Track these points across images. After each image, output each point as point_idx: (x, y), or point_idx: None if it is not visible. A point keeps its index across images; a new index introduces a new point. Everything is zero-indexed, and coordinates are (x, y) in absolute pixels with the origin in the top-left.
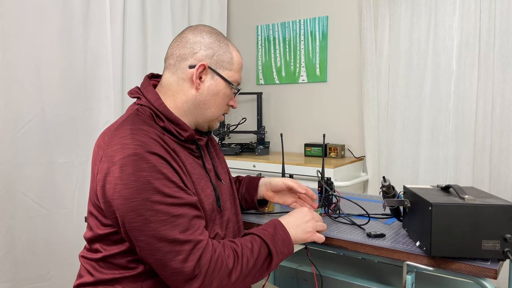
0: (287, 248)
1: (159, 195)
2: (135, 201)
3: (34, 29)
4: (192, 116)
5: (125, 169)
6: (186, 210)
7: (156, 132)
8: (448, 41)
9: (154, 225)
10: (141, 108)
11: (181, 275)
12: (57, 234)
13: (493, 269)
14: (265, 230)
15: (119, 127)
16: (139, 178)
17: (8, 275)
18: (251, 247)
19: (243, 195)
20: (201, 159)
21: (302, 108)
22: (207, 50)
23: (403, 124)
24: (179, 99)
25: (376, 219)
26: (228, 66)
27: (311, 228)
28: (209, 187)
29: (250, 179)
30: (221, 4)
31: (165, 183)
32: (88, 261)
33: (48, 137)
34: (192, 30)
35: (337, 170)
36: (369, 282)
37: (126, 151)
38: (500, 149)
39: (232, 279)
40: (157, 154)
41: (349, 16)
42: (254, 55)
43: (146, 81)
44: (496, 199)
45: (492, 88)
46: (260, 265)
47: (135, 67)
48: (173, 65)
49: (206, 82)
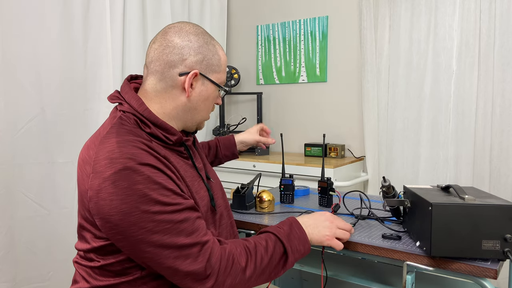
0: (303, 246)
1: (159, 205)
2: (134, 215)
3: (34, 29)
4: (181, 121)
5: (119, 184)
6: (188, 214)
7: (143, 141)
8: (448, 41)
9: (159, 235)
10: (124, 115)
11: (194, 276)
12: (57, 234)
13: (493, 269)
14: (280, 228)
15: (104, 140)
16: (135, 192)
17: (8, 275)
18: (265, 245)
19: (224, 153)
20: (191, 159)
21: (302, 108)
22: (197, 55)
23: (403, 124)
24: (167, 106)
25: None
26: (216, 69)
27: (329, 232)
28: (203, 188)
29: (224, 140)
30: (221, 3)
31: (162, 192)
32: (83, 267)
33: (48, 137)
34: (177, 32)
35: (337, 170)
36: (369, 282)
37: (117, 166)
38: (500, 149)
39: (246, 276)
40: (149, 165)
41: (349, 16)
42: (254, 55)
43: (126, 85)
44: (496, 199)
45: (492, 88)
46: (276, 263)
47: (135, 67)
48: (160, 72)
49: (196, 88)
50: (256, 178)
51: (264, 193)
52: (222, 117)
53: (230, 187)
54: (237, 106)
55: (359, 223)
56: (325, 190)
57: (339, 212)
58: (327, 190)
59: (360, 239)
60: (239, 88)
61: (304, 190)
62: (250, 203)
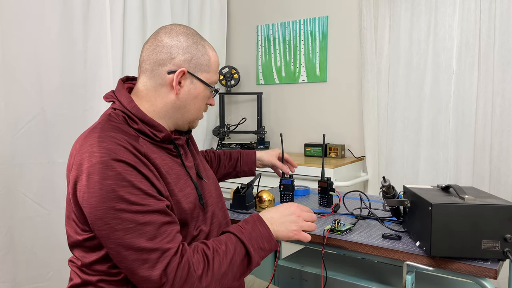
0: (268, 243)
1: (124, 203)
2: (100, 210)
3: (34, 29)
4: (172, 119)
5: (92, 178)
6: (153, 217)
7: (125, 138)
8: (448, 41)
9: (120, 233)
10: (114, 112)
11: (149, 283)
12: (57, 234)
13: (493, 269)
14: (242, 227)
15: (89, 134)
16: (104, 187)
17: (8, 275)
18: (225, 248)
19: (242, 169)
20: (180, 158)
21: (302, 108)
22: (185, 54)
23: (403, 124)
24: (157, 104)
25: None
26: (206, 69)
27: (295, 226)
28: (190, 186)
29: (247, 155)
30: (221, 4)
31: (130, 190)
32: (75, 266)
33: (48, 137)
34: (167, 32)
35: (337, 170)
36: (369, 282)
37: (93, 160)
38: (500, 149)
39: (203, 285)
40: (123, 161)
41: (349, 16)
42: (254, 55)
43: (120, 85)
44: (496, 199)
45: (492, 88)
46: (238, 264)
47: (135, 67)
48: (150, 70)
49: (185, 87)
50: (256, 178)
51: (264, 193)
52: (222, 117)
53: (230, 187)
54: (237, 106)
55: (359, 223)
56: (325, 190)
57: (339, 212)
58: (327, 190)
59: (360, 239)
60: (239, 88)
61: (304, 190)
62: (250, 203)
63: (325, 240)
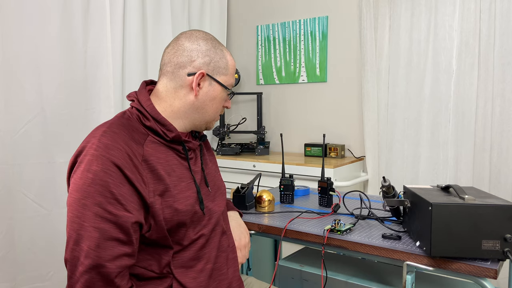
0: None
1: (89, 200)
2: (72, 197)
3: (34, 29)
4: (189, 119)
5: (80, 166)
6: (107, 227)
7: (128, 137)
8: (448, 41)
9: (74, 225)
10: (130, 110)
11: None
12: (57, 234)
13: (493, 269)
14: None
15: (98, 127)
16: (83, 177)
17: (8, 275)
18: None
19: None
20: (187, 160)
21: (302, 108)
22: (204, 57)
23: (403, 124)
24: (176, 104)
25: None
26: (224, 72)
27: None
28: (191, 189)
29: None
30: (221, 4)
31: (101, 190)
32: None
33: (48, 137)
34: (188, 37)
35: (337, 170)
36: (369, 282)
37: (89, 150)
38: (500, 149)
39: None
40: (111, 160)
41: (349, 16)
42: (254, 55)
43: (142, 86)
44: (496, 199)
45: (492, 88)
46: None
47: (135, 67)
48: (171, 72)
49: (204, 88)
50: (256, 178)
51: (264, 193)
52: (222, 117)
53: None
54: (237, 106)
55: (359, 223)
56: (325, 190)
57: (339, 212)
58: (327, 190)
59: (360, 239)
60: (239, 88)
61: (304, 190)
62: (250, 203)
63: (325, 240)
